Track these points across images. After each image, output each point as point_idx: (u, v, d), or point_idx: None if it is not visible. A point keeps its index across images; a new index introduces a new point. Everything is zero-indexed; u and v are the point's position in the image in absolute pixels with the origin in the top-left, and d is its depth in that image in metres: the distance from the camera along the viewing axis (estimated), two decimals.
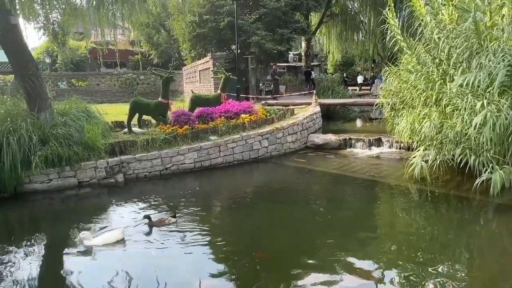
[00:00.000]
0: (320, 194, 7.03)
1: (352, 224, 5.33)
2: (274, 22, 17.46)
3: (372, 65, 31.05)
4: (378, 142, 9.80)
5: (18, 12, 7.54)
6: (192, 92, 11.23)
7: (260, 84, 19.71)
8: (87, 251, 4.42)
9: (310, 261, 4.10)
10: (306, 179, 8.05)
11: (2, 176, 6.46)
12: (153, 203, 6.25)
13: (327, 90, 18.52)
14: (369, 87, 26.50)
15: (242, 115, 9.67)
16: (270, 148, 9.31)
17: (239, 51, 15.64)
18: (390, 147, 9.56)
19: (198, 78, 19.98)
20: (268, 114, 10.42)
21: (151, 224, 5.03)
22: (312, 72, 22.73)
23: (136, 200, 6.43)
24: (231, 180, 8.15)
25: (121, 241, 4.64)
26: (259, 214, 5.74)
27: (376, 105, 10.02)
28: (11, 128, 6.80)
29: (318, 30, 23.26)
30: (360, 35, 24.37)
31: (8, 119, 7.09)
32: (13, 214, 6.27)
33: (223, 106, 9.97)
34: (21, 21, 7.94)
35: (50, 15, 11.01)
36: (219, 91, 10.70)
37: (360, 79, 28.47)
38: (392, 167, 8.22)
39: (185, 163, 8.09)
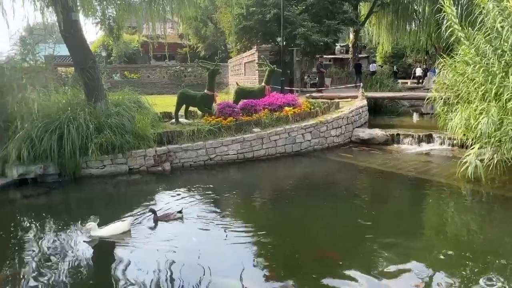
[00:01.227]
0: (363, 190, 6.85)
1: (397, 223, 5.15)
2: (321, 13, 17.07)
3: (425, 57, 29.32)
4: (429, 138, 9.31)
5: (78, 8, 8.09)
6: (237, 84, 11.37)
7: (305, 77, 19.45)
8: (93, 241, 4.50)
9: (348, 262, 4.00)
10: (350, 174, 7.87)
11: (63, 161, 7.04)
12: (197, 191, 6.47)
13: (374, 83, 17.84)
14: (420, 80, 25.12)
15: (286, 108, 9.65)
16: (313, 141, 9.21)
17: (284, 43, 15.54)
18: (441, 144, 9.05)
19: (243, 71, 20.16)
20: (312, 107, 10.30)
21: (156, 218, 5.02)
22: (363, 65, 21.95)
23: (181, 188, 6.69)
24: (273, 172, 8.19)
25: (128, 233, 4.66)
26: (300, 207, 5.72)
27: (427, 99, 9.50)
28: (71, 117, 7.35)
29: (368, 21, 22.36)
30: (413, 25, 23.06)
31: (69, 108, 7.67)
32: (72, 196, 6.84)
33: (267, 99, 10.00)
34: (81, 17, 8.51)
35: (106, 11, 11.66)
36: (263, 84, 10.74)
37: (418, 71, 26.70)
38: (443, 165, 7.79)
39: (228, 154, 8.26)
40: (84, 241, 4.52)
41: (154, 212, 5.08)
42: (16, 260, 4.20)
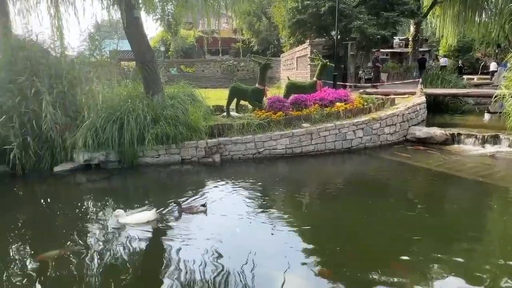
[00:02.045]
0: (418, 191, 6.50)
1: (454, 229, 4.80)
2: (379, 5, 16.33)
3: (496, 51, 26.77)
4: (495, 140, 8.54)
5: (140, 6, 8.57)
6: (288, 78, 11.33)
7: (360, 72, 18.80)
8: (121, 228, 4.72)
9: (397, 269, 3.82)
10: (403, 174, 7.51)
11: (123, 149, 7.56)
12: (244, 183, 6.59)
13: (435, 79, 16.69)
14: (489, 76, 23.03)
15: (337, 104, 9.43)
16: (364, 139, 8.91)
17: (339, 36, 15.12)
18: (510, 146, 8.27)
19: (295, 65, 20.00)
20: (365, 103, 9.95)
21: (180, 210, 5.16)
22: (427, 59, 20.60)
23: (230, 179, 6.87)
24: (322, 169, 8.07)
25: (153, 222, 4.82)
26: (348, 206, 5.58)
27: (495, 96, 8.73)
28: (130, 108, 7.85)
29: (431, 12, 20.93)
30: (483, 16, 21.12)
31: (129, 100, 8.19)
32: (129, 182, 7.34)
33: (318, 94, 9.85)
34: (142, 14, 9.01)
35: (166, 8, 12.22)
36: (315, 78, 10.58)
37: (493, 66, 24.30)
38: (510, 169, 7.12)
39: (277, 149, 8.29)
40: (112, 228, 4.75)
41: (179, 204, 5.24)
42: (75, 237, 4.60)
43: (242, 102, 10.17)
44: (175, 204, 5.28)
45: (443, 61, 22.93)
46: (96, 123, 7.58)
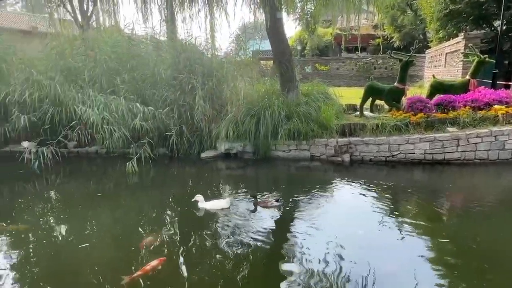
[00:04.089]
0: None
1: None
2: None
3: None
4: None
5: (282, 7, 9.03)
6: (433, 77, 10.20)
7: None
8: (201, 210, 5.31)
9: None
10: None
11: (258, 142, 8.17)
12: (373, 187, 6.29)
13: None
14: None
15: (496, 106, 8.06)
16: None
17: (504, 27, 12.78)
18: None
19: (443, 62, 17.81)
20: None
21: (255, 203, 5.43)
22: None
23: (358, 181, 6.66)
24: (468, 180, 7.04)
25: (226, 209, 5.26)
26: (499, 225, 4.76)
27: None
28: (267, 104, 8.40)
29: None
30: None
31: (266, 96, 8.77)
32: (262, 172, 7.90)
33: (470, 94, 8.60)
34: (283, 15, 9.48)
35: (305, 7, 12.52)
36: (467, 77, 9.26)
37: None
38: None
39: (414, 153, 7.62)
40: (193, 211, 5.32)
41: (255, 197, 5.53)
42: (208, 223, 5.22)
43: (377, 101, 9.69)
44: (252, 197, 5.58)
45: None
46: (237, 117, 8.39)
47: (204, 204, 5.43)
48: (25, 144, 8.90)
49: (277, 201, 5.49)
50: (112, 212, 5.62)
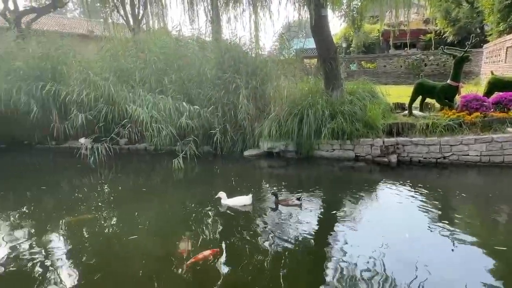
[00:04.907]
0: None
1: None
2: None
3: None
4: None
5: (327, 4, 8.87)
6: (492, 73, 9.48)
7: None
8: (223, 206, 5.37)
9: None
10: None
11: (300, 141, 8.11)
12: (421, 190, 5.97)
13: None
14: None
15: None
16: None
17: None
18: None
19: (504, 57, 16.50)
20: None
21: (276, 201, 5.42)
22: None
23: (405, 183, 6.37)
24: None
25: (248, 206, 5.36)
26: None
27: None
28: (310, 103, 8.31)
29: None
30: None
31: (309, 95, 8.67)
32: (304, 172, 7.83)
33: None
34: (328, 12, 9.31)
35: (351, 3, 12.21)
36: None
37: None
38: None
39: (468, 155, 7.15)
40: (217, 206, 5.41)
41: (276, 195, 5.53)
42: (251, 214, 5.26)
43: (428, 100, 9.20)
44: (273, 195, 5.56)
45: None
46: (279, 116, 8.39)
47: (226, 200, 5.50)
48: (82, 140, 9.57)
49: (298, 199, 5.45)
50: (159, 207, 5.88)
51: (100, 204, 5.94)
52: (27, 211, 5.68)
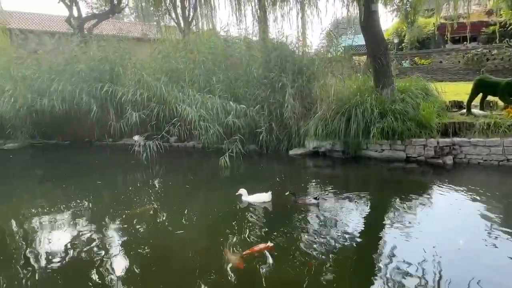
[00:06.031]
0: None
1: None
2: None
3: None
4: None
5: None
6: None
7: None
8: (244, 202, 5.49)
9: None
10: None
11: (348, 140, 7.90)
12: (480, 195, 5.53)
13: None
14: None
15: None
16: None
17: None
18: None
19: None
20: None
21: (294, 200, 5.42)
22: None
23: (461, 187, 5.94)
24: None
25: (268, 203, 5.46)
26: None
27: None
28: (359, 102, 8.05)
29: None
30: None
31: (358, 93, 8.41)
32: (350, 172, 7.64)
33: None
34: (379, 7, 8.96)
35: None
36: None
37: None
38: None
39: None
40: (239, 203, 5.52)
41: (294, 194, 5.52)
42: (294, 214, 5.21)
43: (490, 98, 8.52)
44: (291, 194, 5.54)
45: None
46: (326, 114, 8.23)
47: (247, 197, 5.61)
48: (136, 138, 10.14)
49: (315, 199, 5.40)
50: (206, 203, 6.05)
51: (151, 198, 6.25)
52: (86, 203, 6.13)
